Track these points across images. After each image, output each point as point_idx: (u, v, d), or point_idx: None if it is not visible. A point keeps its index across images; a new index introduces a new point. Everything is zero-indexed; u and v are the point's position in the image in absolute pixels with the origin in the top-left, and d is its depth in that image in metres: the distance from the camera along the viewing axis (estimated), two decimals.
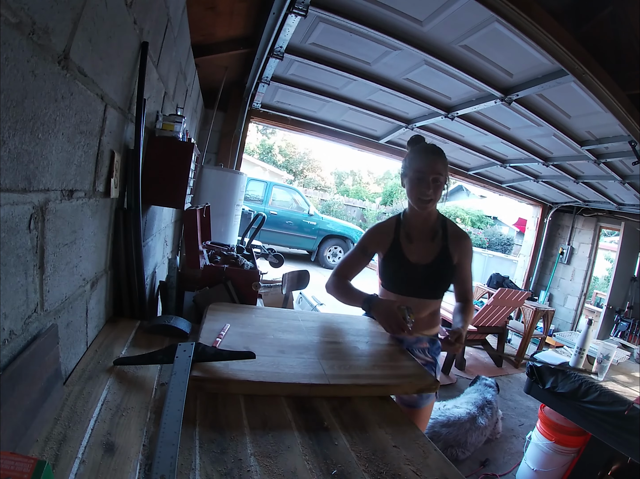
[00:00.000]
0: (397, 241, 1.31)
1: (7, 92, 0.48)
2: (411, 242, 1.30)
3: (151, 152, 1.27)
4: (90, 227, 0.87)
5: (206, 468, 0.59)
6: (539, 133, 2.92)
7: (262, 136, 17.64)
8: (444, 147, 4.09)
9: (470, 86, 2.32)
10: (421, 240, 1.30)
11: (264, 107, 3.54)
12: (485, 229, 12.86)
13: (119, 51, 0.89)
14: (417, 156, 1.25)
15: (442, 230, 1.30)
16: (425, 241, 1.30)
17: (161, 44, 1.30)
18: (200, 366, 0.82)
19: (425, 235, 1.30)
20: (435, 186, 1.21)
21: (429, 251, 1.28)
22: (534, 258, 5.92)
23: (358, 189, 17.83)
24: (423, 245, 1.29)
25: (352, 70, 2.47)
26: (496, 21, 1.58)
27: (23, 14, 0.49)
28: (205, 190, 2.90)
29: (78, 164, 0.75)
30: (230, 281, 1.37)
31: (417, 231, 1.31)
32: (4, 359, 0.55)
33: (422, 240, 1.30)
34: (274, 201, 8.00)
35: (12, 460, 0.41)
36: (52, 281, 0.69)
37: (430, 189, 1.20)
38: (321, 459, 0.66)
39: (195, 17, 1.87)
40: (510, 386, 3.51)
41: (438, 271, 1.28)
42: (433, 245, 1.29)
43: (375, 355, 1.09)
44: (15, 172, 0.53)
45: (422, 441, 0.77)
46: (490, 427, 2.43)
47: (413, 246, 1.29)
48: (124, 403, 0.72)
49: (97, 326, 0.99)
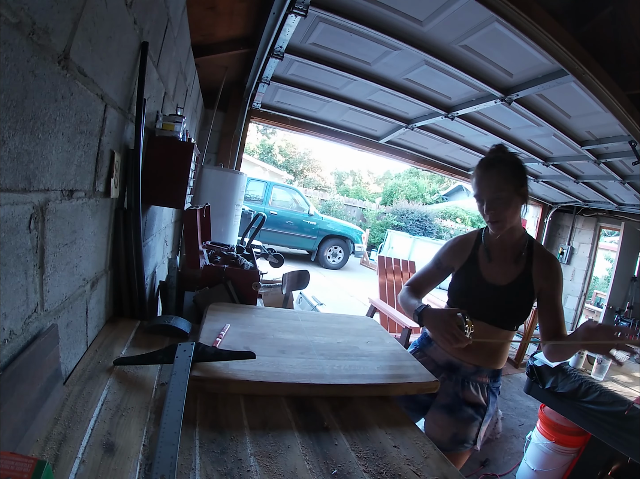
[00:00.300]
0: (474, 256, 1.21)
1: (7, 92, 0.48)
2: (490, 261, 1.18)
3: (151, 152, 1.27)
4: (90, 227, 0.87)
5: (206, 468, 0.59)
6: (539, 133, 2.92)
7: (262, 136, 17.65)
8: (444, 147, 4.11)
9: (470, 86, 2.32)
10: (502, 260, 1.17)
11: (264, 107, 3.54)
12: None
13: (119, 51, 0.89)
14: (474, 178, 1.13)
15: (527, 251, 1.15)
16: (507, 262, 1.16)
17: (161, 44, 1.30)
18: (200, 366, 0.82)
19: (507, 255, 1.17)
20: (497, 206, 1.07)
21: (508, 273, 1.15)
22: None
23: (358, 189, 17.84)
24: (503, 266, 1.16)
25: (352, 70, 2.47)
26: (496, 21, 1.58)
27: (23, 14, 0.49)
28: (205, 190, 2.90)
29: (78, 164, 0.75)
30: (230, 281, 1.37)
31: (498, 250, 1.18)
32: (4, 359, 0.55)
33: (503, 260, 1.17)
34: (274, 201, 8.00)
35: (12, 460, 0.41)
36: (52, 281, 0.69)
37: (492, 210, 1.07)
38: (321, 459, 0.66)
39: (195, 17, 1.87)
40: (510, 386, 3.51)
41: (514, 296, 1.14)
42: (515, 267, 1.15)
43: (375, 354, 1.09)
44: (15, 172, 0.53)
45: (422, 441, 0.77)
46: (491, 427, 2.43)
47: (492, 265, 1.18)
48: (124, 403, 0.72)
49: (97, 326, 0.99)
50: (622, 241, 3.99)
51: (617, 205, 4.64)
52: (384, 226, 12.00)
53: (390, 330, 3.24)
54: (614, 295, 3.81)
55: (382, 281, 3.61)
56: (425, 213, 12.71)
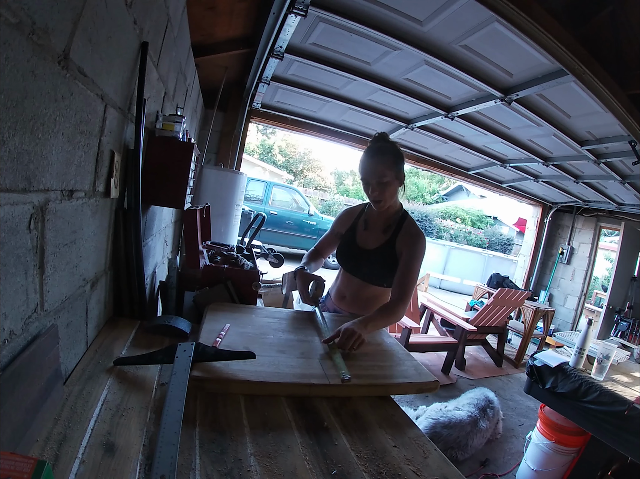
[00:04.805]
0: (355, 225, 1.45)
1: (7, 92, 0.48)
2: (366, 229, 1.41)
3: (151, 152, 1.27)
4: (90, 227, 0.87)
5: (206, 468, 0.59)
6: (539, 133, 2.92)
7: (262, 136, 17.64)
8: (444, 147, 4.12)
9: (470, 86, 2.32)
10: (375, 229, 1.39)
11: (264, 107, 3.54)
12: (485, 229, 12.86)
13: (119, 51, 0.89)
14: (361, 160, 1.30)
15: (396, 225, 1.36)
16: (378, 231, 1.38)
17: (161, 44, 1.30)
18: (200, 366, 0.82)
19: (379, 226, 1.39)
20: (380, 188, 1.26)
21: (376, 240, 1.38)
22: (534, 258, 5.92)
23: (358, 189, 17.80)
24: (374, 234, 1.39)
25: (352, 70, 2.47)
26: (496, 21, 1.58)
27: (23, 14, 0.49)
28: (205, 190, 2.90)
29: (78, 164, 0.75)
30: (230, 281, 1.37)
31: (373, 221, 1.41)
32: (4, 359, 0.55)
33: (376, 229, 1.39)
34: (274, 201, 8.00)
35: (12, 460, 0.41)
36: (52, 281, 0.69)
37: (376, 191, 1.27)
38: (321, 459, 0.66)
39: (195, 17, 1.87)
40: (510, 386, 3.51)
41: (380, 259, 1.35)
42: (383, 236, 1.37)
43: (375, 355, 1.09)
44: (15, 172, 0.53)
45: (422, 441, 0.77)
46: (491, 428, 2.43)
47: (366, 233, 1.41)
48: (124, 403, 0.72)
49: (97, 326, 0.99)
50: (622, 242, 3.98)
51: (617, 205, 4.64)
52: None
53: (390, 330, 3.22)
54: (614, 295, 3.81)
55: None
56: (425, 213, 12.71)
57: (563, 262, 5.59)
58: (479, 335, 3.81)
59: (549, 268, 5.83)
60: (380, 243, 1.36)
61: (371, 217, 1.42)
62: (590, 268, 5.37)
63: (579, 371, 1.88)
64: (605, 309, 3.75)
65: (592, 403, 1.74)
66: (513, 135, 3.16)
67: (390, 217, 1.38)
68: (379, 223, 1.39)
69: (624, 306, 3.70)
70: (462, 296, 7.15)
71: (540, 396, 2.04)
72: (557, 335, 4.01)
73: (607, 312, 3.72)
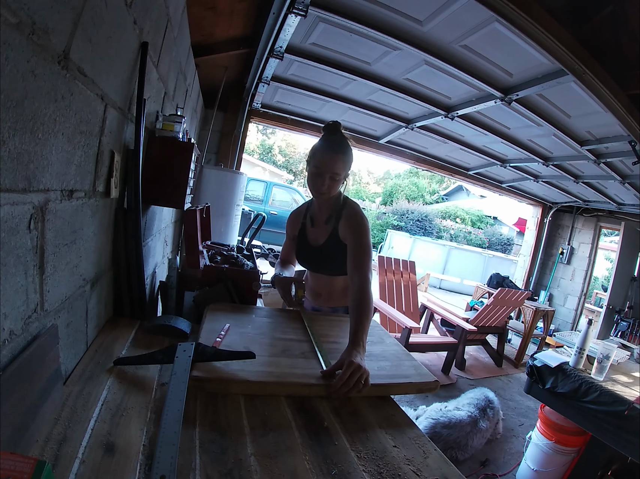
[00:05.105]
0: (304, 225, 1.45)
1: (7, 92, 0.48)
2: (313, 226, 1.41)
3: (151, 152, 1.27)
4: (90, 227, 0.87)
5: (206, 468, 0.59)
6: (539, 133, 2.92)
7: (262, 136, 17.65)
8: (444, 147, 4.12)
9: (470, 86, 2.32)
10: (319, 224, 1.39)
11: (264, 107, 3.54)
12: (485, 229, 12.85)
13: (119, 51, 0.89)
14: (319, 150, 1.27)
15: (336, 213, 1.35)
16: (322, 224, 1.38)
17: (161, 44, 1.30)
18: (200, 366, 0.82)
19: (322, 219, 1.39)
20: (331, 182, 1.25)
21: (321, 234, 1.38)
22: (534, 258, 5.92)
23: (358, 189, 17.82)
24: (320, 228, 1.39)
25: (352, 70, 2.47)
26: (496, 21, 1.58)
27: (23, 14, 0.49)
28: (205, 190, 2.90)
29: (78, 164, 0.75)
30: (230, 281, 1.37)
31: (317, 215, 1.41)
32: (4, 359, 0.55)
33: (321, 223, 1.39)
34: (274, 201, 8.00)
35: (12, 460, 0.41)
36: (52, 281, 0.69)
37: (326, 185, 1.25)
38: (321, 459, 0.66)
39: (195, 17, 1.87)
40: (510, 386, 3.51)
41: (328, 253, 1.35)
42: (326, 228, 1.37)
43: (375, 354, 1.09)
44: (15, 172, 0.53)
45: (422, 441, 0.77)
46: (491, 428, 2.43)
47: (313, 229, 1.41)
48: (124, 403, 0.72)
49: (97, 326, 0.99)
50: (622, 242, 3.98)
51: (617, 205, 4.64)
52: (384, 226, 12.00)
53: (390, 330, 3.24)
54: (614, 295, 3.81)
55: (382, 281, 3.61)
56: (425, 213, 12.71)
57: (563, 262, 5.59)
58: (479, 335, 3.81)
59: (549, 268, 5.83)
60: (325, 236, 1.36)
61: (315, 213, 1.42)
62: (590, 268, 5.37)
63: (579, 371, 1.88)
64: (605, 309, 3.75)
65: (592, 403, 1.74)
66: (513, 135, 3.16)
67: (330, 206, 1.37)
68: (322, 216, 1.39)
69: (624, 306, 3.70)
70: (462, 296, 7.15)
71: (540, 396, 2.04)
72: (557, 335, 4.01)
73: (607, 312, 3.71)
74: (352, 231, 1.29)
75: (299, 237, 1.45)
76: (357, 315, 1.05)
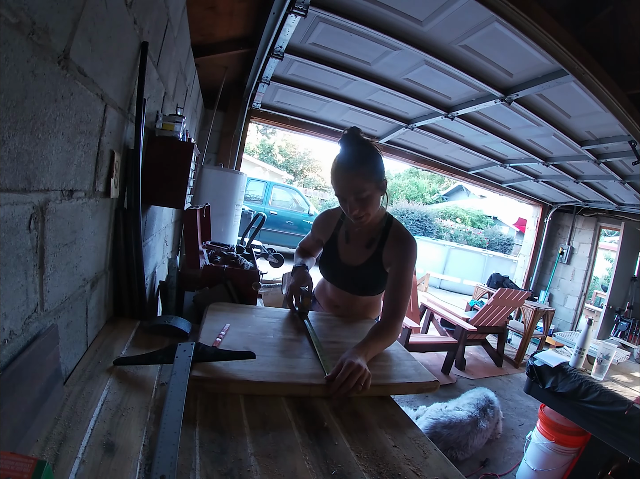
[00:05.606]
0: (335, 236, 1.31)
1: (7, 92, 0.48)
2: (348, 242, 1.28)
3: (151, 152, 1.27)
4: (90, 227, 0.87)
5: (206, 468, 0.59)
6: (539, 133, 2.92)
7: (262, 136, 17.65)
8: (444, 147, 4.12)
9: (470, 86, 2.32)
10: (357, 243, 1.26)
11: (264, 107, 3.55)
12: (485, 229, 12.86)
13: (119, 51, 0.89)
14: (333, 173, 1.11)
15: (380, 236, 1.22)
16: (361, 245, 1.25)
17: (161, 44, 1.30)
18: (200, 366, 0.82)
19: (362, 240, 1.25)
20: (360, 204, 1.09)
21: (360, 256, 1.25)
22: (534, 258, 5.92)
23: None
24: (357, 248, 1.26)
25: (352, 70, 2.47)
26: (496, 21, 1.58)
27: (23, 14, 0.49)
28: (205, 190, 2.90)
29: (78, 164, 0.75)
30: (230, 281, 1.37)
31: (354, 233, 1.27)
32: (4, 359, 0.55)
33: (359, 243, 1.26)
34: (274, 201, 8.01)
35: (12, 460, 0.41)
36: (52, 281, 0.69)
37: (356, 209, 1.10)
38: (321, 459, 0.66)
39: (195, 17, 1.87)
40: (510, 386, 3.51)
41: (365, 275, 1.25)
42: (367, 251, 1.24)
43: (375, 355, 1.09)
44: (15, 172, 0.53)
45: (422, 441, 0.77)
46: (491, 428, 2.43)
47: (348, 246, 1.28)
48: (124, 403, 0.72)
49: (97, 326, 0.99)
50: (622, 241, 3.98)
51: (617, 205, 4.65)
52: None
53: None
54: (614, 295, 3.81)
55: None
56: (425, 213, 12.71)
57: (563, 262, 5.60)
58: (479, 335, 3.81)
59: (549, 268, 5.83)
60: (365, 258, 1.24)
61: (352, 229, 1.26)
62: (590, 268, 5.37)
63: (579, 371, 1.89)
64: (605, 309, 3.75)
65: (592, 403, 1.74)
66: (513, 135, 3.16)
67: (373, 229, 1.23)
68: (361, 236, 1.25)
69: (624, 306, 3.70)
70: (462, 296, 7.15)
71: (540, 396, 2.04)
72: (557, 335, 4.01)
73: (607, 312, 3.72)
74: (400, 257, 1.16)
75: (327, 248, 1.32)
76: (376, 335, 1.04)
